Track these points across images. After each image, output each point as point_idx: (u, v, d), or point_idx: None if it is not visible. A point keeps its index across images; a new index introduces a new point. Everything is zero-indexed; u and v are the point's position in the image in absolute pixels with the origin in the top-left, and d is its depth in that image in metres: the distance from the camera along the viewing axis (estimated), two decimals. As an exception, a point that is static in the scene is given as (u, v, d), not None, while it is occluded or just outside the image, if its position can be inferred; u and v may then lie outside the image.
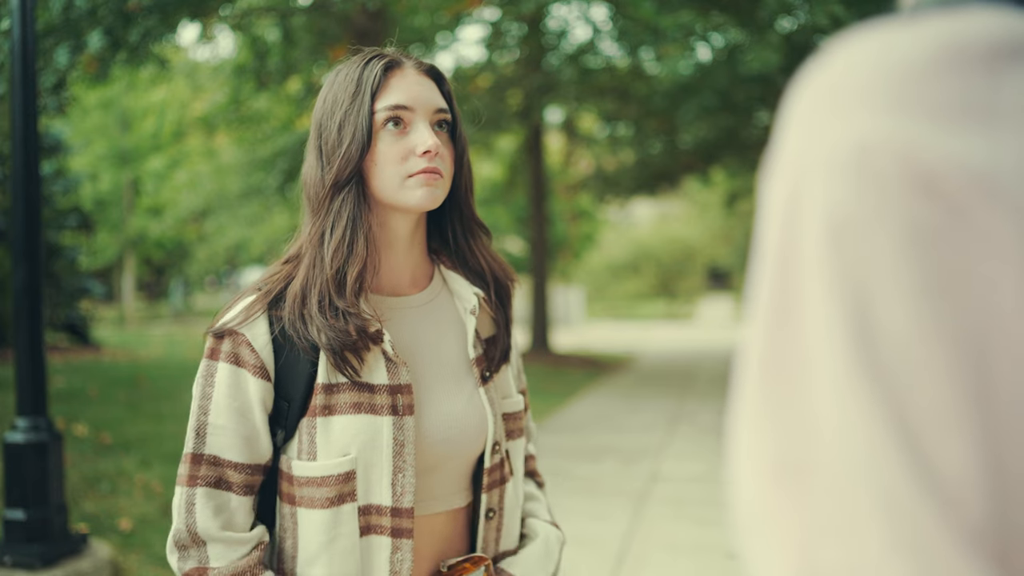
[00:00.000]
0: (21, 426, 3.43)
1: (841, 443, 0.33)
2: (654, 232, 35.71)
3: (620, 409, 8.80)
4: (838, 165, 0.35)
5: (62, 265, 10.94)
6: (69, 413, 6.41)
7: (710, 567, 4.01)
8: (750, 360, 0.38)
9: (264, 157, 11.64)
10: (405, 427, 1.11)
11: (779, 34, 7.93)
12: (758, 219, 0.41)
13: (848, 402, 0.33)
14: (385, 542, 1.11)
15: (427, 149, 1.10)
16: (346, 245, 1.10)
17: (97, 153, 19.52)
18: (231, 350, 1.10)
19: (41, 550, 3.37)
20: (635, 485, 5.58)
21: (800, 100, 0.39)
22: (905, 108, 0.34)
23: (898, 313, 0.33)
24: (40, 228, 3.53)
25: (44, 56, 6.04)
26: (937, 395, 0.32)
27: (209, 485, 1.09)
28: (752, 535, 0.37)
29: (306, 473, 1.10)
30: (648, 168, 14.39)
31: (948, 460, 0.32)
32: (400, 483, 1.11)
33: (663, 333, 21.58)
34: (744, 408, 0.38)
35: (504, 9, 9.10)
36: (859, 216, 0.34)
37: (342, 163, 1.11)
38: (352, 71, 1.15)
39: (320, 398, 1.10)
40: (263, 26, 9.77)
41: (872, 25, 0.38)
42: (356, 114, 1.11)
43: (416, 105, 1.13)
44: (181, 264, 25.43)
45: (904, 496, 0.32)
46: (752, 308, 0.39)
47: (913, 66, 0.35)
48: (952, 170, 0.33)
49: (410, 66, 1.16)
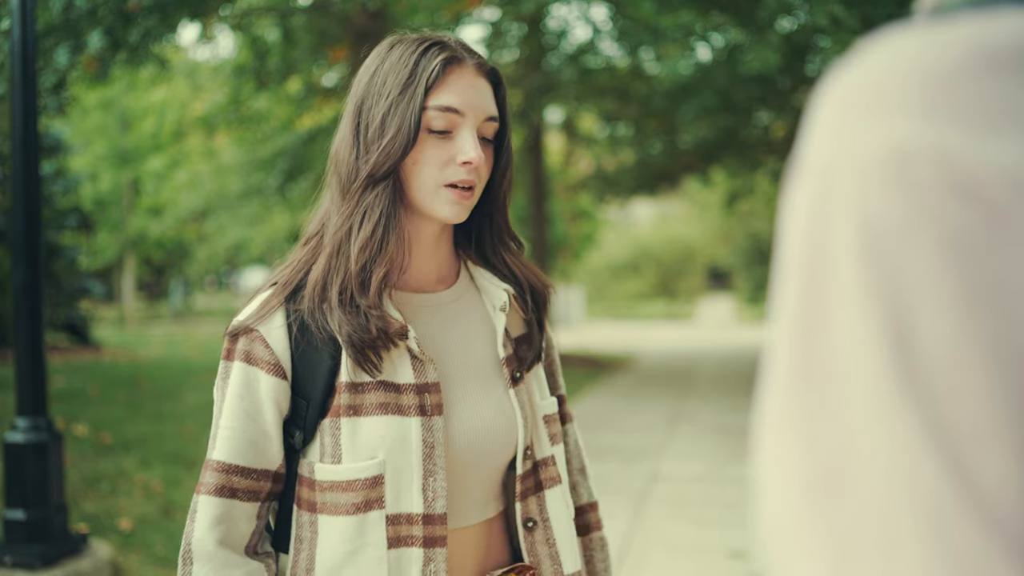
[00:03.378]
0: (21, 426, 3.43)
1: (879, 455, 0.32)
2: (654, 232, 35.70)
3: (620, 409, 8.80)
4: (873, 171, 0.34)
5: (62, 265, 10.94)
6: (69, 413, 6.41)
7: (710, 567, 4.01)
8: (777, 369, 0.37)
9: (264, 157, 11.65)
10: (435, 428, 1.05)
11: (779, 34, 7.93)
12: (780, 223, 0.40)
13: (886, 414, 0.32)
14: (417, 554, 1.04)
15: (468, 160, 1.04)
16: (376, 243, 1.04)
17: (97, 153, 19.50)
18: (244, 348, 1.05)
19: (41, 550, 3.37)
20: (635, 485, 5.58)
21: (828, 103, 0.38)
22: (941, 113, 0.33)
23: (938, 323, 0.32)
24: (40, 228, 3.52)
25: (44, 56, 6.03)
26: (978, 405, 0.31)
27: (211, 492, 1.04)
28: (781, 550, 0.36)
29: (330, 477, 1.04)
30: (648, 168, 14.38)
31: (989, 472, 0.31)
32: (432, 487, 1.04)
33: (663, 333, 21.57)
34: (770, 418, 0.37)
35: (504, 9, 9.10)
36: (897, 224, 0.33)
37: (381, 156, 1.04)
38: (408, 55, 1.06)
39: (345, 397, 1.04)
40: (263, 26, 9.76)
41: (901, 27, 0.38)
42: (406, 107, 1.03)
43: (468, 110, 1.05)
44: (181, 264, 25.44)
45: (945, 509, 0.31)
46: (777, 315, 0.38)
47: (948, 70, 0.34)
48: (991, 176, 0.32)
49: (470, 64, 1.08)
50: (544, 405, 1.19)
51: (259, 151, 12.00)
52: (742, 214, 24.74)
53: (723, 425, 7.74)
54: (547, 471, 1.17)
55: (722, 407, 8.78)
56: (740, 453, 6.51)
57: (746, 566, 3.99)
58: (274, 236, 19.99)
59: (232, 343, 1.07)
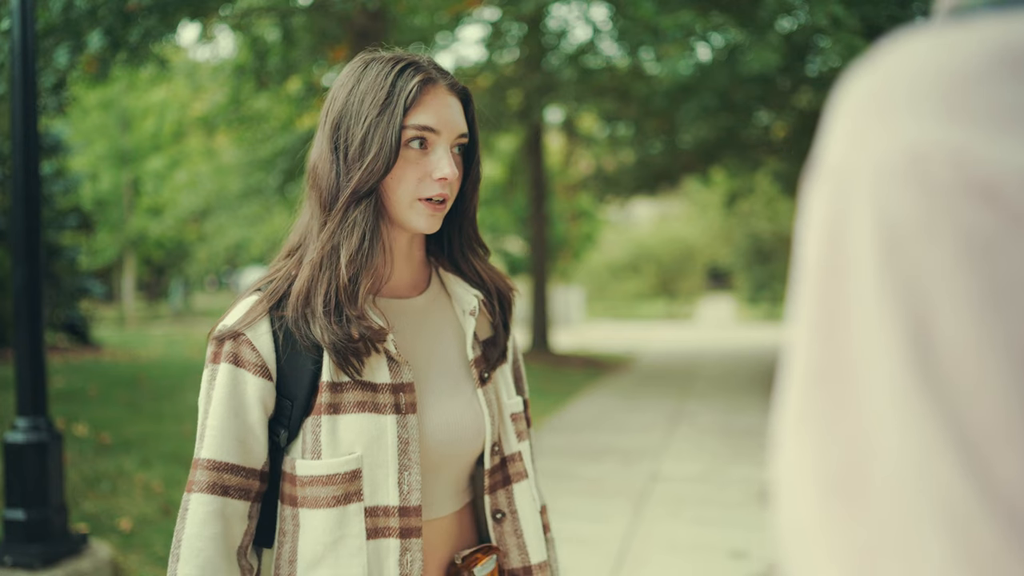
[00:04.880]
0: (21, 426, 3.44)
1: (899, 456, 0.32)
2: (654, 232, 35.70)
3: (620, 409, 8.80)
4: (891, 173, 0.34)
5: (62, 265, 10.94)
6: (69, 413, 6.41)
7: (710, 567, 4.01)
8: (795, 370, 0.37)
9: (264, 157, 11.63)
10: (409, 425, 1.11)
11: (779, 34, 7.93)
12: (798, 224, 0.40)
13: (906, 414, 0.32)
14: (394, 544, 1.10)
15: (443, 176, 1.10)
16: (363, 256, 1.09)
17: (97, 153, 19.50)
18: (231, 351, 1.10)
19: (41, 550, 3.37)
20: (635, 485, 5.58)
21: (847, 103, 0.38)
22: (958, 115, 0.33)
23: (957, 324, 0.32)
24: (40, 228, 3.53)
25: (44, 56, 6.04)
26: (996, 406, 0.31)
27: (203, 490, 1.07)
28: (800, 550, 0.36)
29: (311, 472, 1.09)
30: (648, 168, 14.38)
31: (1008, 473, 0.31)
32: (407, 481, 1.10)
33: (663, 333, 21.58)
34: (789, 418, 0.37)
35: (504, 9, 9.10)
36: (915, 226, 0.33)
37: (364, 175, 1.09)
38: (384, 75, 1.11)
39: (326, 396, 1.09)
40: (263, 26, 9.76)
41: (921, 27, 0.38)
42: (386, 127, 1.09)
43: (443, 128, 1.11)
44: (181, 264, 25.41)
45: (965, 510, 0.31)
46: (795, 316, 0.38)
47: (967, 71, 0.34)
48: (1009, 178, 0.32)
49: (443, 84, 1.14)
50: (511, 404, 1.26)
51: (259, 151, 11.99)
52: (742, 214, 24.74)
53: (723, 425, 7.75)
54: (515, 466, 1.24)
55: (722, 407, 8.78)
56: (740, 453, 6.51)
57: (746, 566, 3.99)
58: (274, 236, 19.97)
59: (219, 347, 1.11)
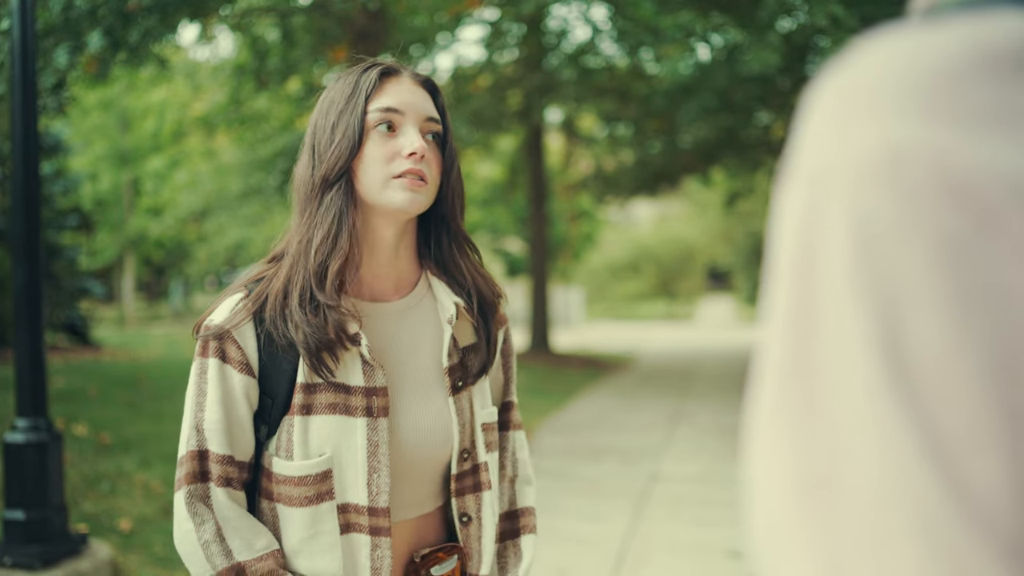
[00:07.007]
0: (21, 426, 3.43)
1: (871, 458, 0.32)
2: (654, 232, 35.70)
3: (620, 409, 8.80)
4: (867, 173, 0.34)
5: (62, 265, 10.93)
6: (69, 413, 6.41)
7: (710, 567, 4.01)
8: (768, 369, 0.37)
9: (264, 157, 11.63)
10: (379, 428, 1.13)
11: (779, 34, 7.93)
12: (772, 223, 0.39)
13: (878, 416, 0.32)
14: (364, 540, 1.14)
15: (413, 151, 1.12)
16: (330, 239, 1.12)
17: (97, 153, 19.48)
18: (218, 347, 1.13)
19: (41, 550, 3.37)
20: (635, 485, 5.58)
21: (821, 102, 0.37)
22: (936, 115, 0.33)
23: (930, 325, 0.32)
24: (40, 228, 3.53)
25: (44, 56, 6.03)
26: (969, 408, 0.31)
27: (196, 480, 1.12)
28: (772, 551, 0.35)
29: (284, 472, 1.13)
30: (648, 168, 14.39)
31: (980, 475, 0.31)
32: (375, 483, 1.13)
33: (663, 333, 21.57)
34: (762, 418, 0.37)
35: (504, 9, 9.10)
36: (890, 226, 0.33)
37: (332, 159, 1.13)
38: (350, 77, 1.18)
39: (300, 397, 1.12)
40: (263, 26, 9.76)
41: (896, 27, 0.37)
42: (350, 114, 1.14)
43: (407, 110, 1.15)
44: (181, 264, 25.39)
45: (937, 512, 0.31)
46: (769, 315, 0.38)
47: (944, 71, 0.34)
48: (985, 179, 0.32)
49: (406, 75, 1.19)
50: (483, 414, 1.26)
51: (259, 151, 11.99)
52: (742, 214, 24.73)
53: (723, 425, 7.75)
54: (483, 475, 1.26)
55: (722, 407, 8.78)
56: (740, 453, 6.51)
57: (745, 566, 3.99)
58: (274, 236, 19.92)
59: (204, 342, 1.14)
